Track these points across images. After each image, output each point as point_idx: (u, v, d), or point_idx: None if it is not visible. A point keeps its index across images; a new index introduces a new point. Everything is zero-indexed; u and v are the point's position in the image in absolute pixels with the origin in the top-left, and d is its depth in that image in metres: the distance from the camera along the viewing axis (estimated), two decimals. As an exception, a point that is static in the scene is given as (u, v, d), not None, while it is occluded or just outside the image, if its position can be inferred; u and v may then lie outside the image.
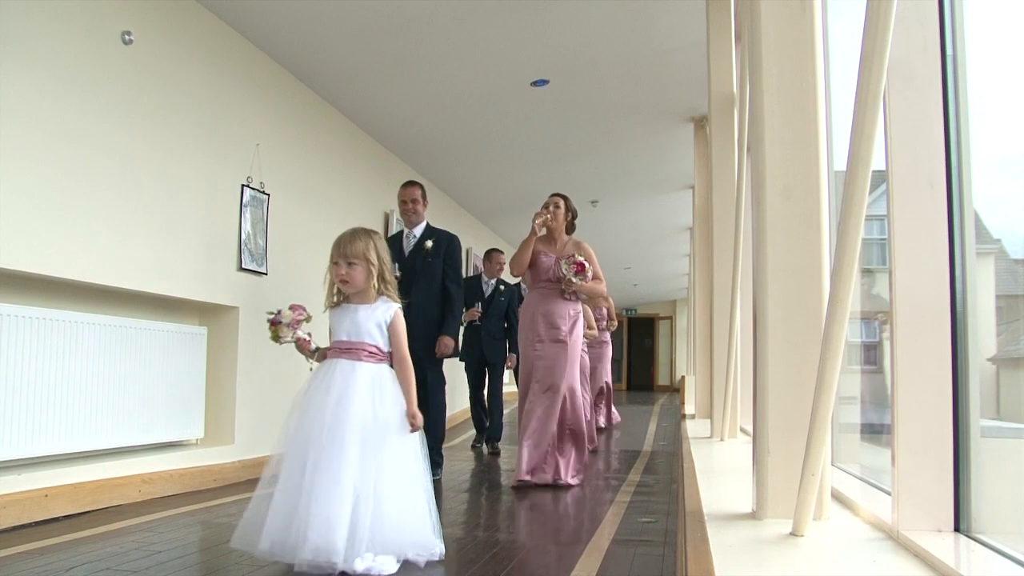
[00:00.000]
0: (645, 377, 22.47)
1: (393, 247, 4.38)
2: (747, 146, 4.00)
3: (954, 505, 1.87)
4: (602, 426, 8.07)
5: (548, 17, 4.88)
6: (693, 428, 6.09)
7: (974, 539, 1.81)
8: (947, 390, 1.88)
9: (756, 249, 2.31)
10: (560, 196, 4.75)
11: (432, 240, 4.70)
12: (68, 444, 3.68)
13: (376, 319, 2.69)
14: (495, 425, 6.51)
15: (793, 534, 1.97)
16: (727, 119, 5.23)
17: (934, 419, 1.88)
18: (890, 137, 1.93)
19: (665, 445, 7.03)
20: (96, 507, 3.65)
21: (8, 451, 3.36)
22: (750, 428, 2.97)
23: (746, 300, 3.95)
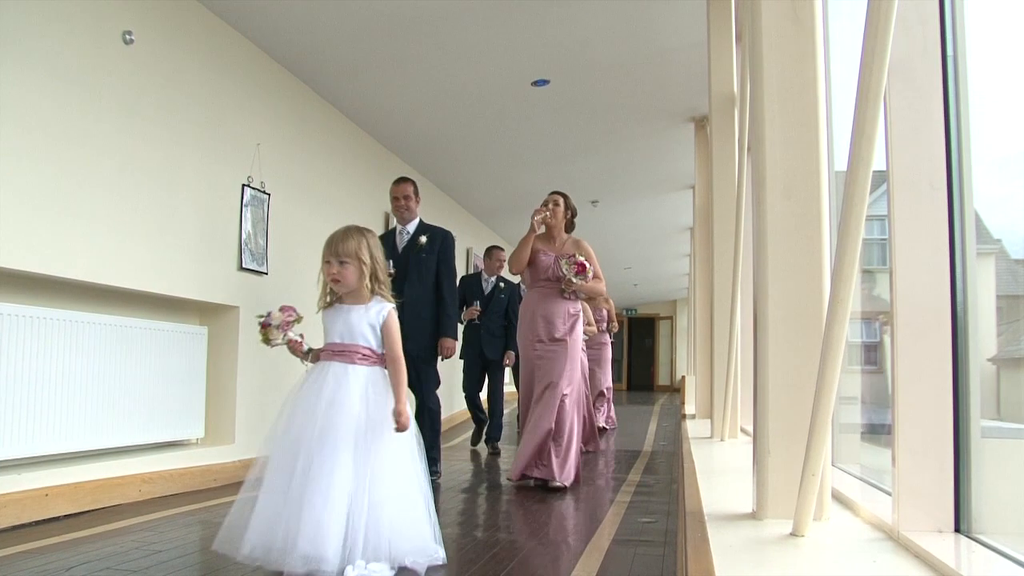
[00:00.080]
0: (645, 377, 22.47)
1: (386, 244, 4.36)
2: (747, 146, 3.99)
3: (954, 505, 1.87)
4: (602, 427, 8.07)
5: (548, 17, 4.88)
6: (693, 428, 6.08)
7: (974, 539, 1.81)
8: (947, 390, 1.88)
9: (756, 249, 2.31)
10: (559, 194, 4.73)
11: (427, 236, 4.65)
12: (68, 444, 3.68)
13: (369, 320, 2.63)
14: (495, 425, 6.50)
15: (793, 534, 1.98)
16: (727, 119, 5.23)
17: (934, 419, 1.88)
18: (890, 137, 1.93)
19: (665, 445, 7.03)
20: (96, 507, 3.65)
21: (8, 450, 3.37)
22: (750, 428, 2.97)
23: (746, 300, 3.95)
